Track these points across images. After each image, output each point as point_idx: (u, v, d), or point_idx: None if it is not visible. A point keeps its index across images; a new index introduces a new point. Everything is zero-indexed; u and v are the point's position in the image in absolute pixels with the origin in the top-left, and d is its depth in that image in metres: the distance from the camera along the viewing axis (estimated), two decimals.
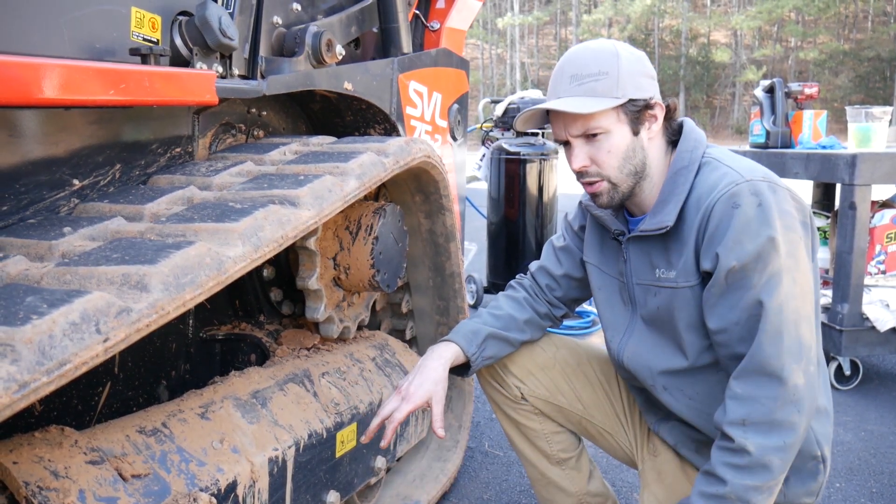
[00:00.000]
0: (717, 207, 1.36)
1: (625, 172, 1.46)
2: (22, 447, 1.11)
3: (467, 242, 4.14)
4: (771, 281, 1.31)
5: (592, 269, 1.69)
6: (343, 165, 1.53)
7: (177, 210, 1.34)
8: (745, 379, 1.34)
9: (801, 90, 3.77)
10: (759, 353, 1.31)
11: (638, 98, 1.42)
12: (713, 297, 1.38)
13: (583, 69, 1.43)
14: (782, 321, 1.31)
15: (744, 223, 1.32)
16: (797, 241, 1.35)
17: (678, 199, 1.42)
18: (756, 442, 1.30)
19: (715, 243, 1.35)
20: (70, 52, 1.31)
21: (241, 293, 1.98)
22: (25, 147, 1.30)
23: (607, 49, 1.44)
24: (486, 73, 48.67)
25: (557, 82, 1.47)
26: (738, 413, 1.33)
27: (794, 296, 1.33)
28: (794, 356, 1.31)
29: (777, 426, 1.31)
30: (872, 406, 3.11)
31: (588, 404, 1.78)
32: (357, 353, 1.91)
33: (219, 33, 1.52)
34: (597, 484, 1.87)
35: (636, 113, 1.43)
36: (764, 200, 1.33)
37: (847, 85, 37.59)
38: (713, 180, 1.40)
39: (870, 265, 3.22)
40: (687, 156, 1.46)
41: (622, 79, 1.41)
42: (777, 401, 1.30)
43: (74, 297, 0.91)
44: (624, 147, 1.44)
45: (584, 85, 1.42)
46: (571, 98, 1.42)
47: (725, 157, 1.45)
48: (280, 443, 1.46)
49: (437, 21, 2.60)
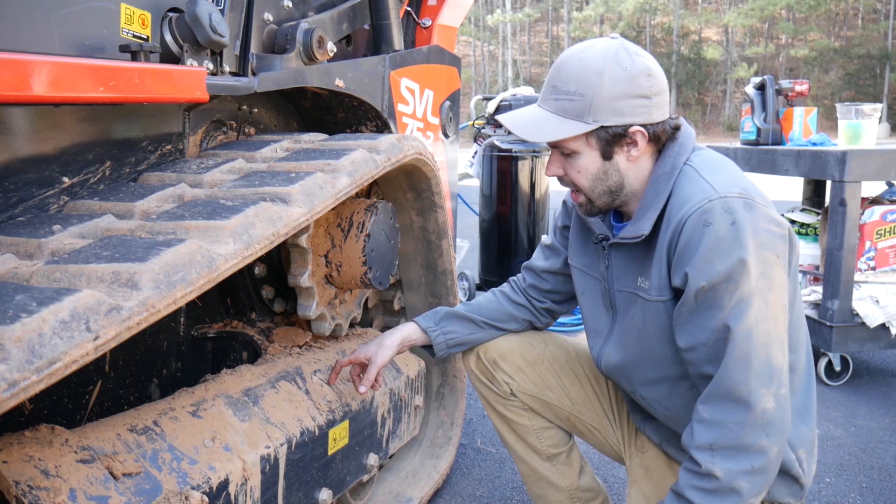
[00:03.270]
0: (688, 224, 1.31)
1: (597, 192, 1.43)
2: (12, 446, 1.10)
3: (459, 239, 4.14)
4: (740, 304, 1.27)
5: (576, 272, 1.67)
6: (334, 163, 1.53)
7: (167, 208, 1.34)
8: (712, 403, 1.31)
9: (792, 87, 3.79)
10: (726, 377, 1.29)
11: (612, 125, 1.36)
12: (683, 315, 1.34)
13: (564, 82, 1.38)
14: (751, 346, 1.27)
15: (714, 242, 1.28)
16: (772, 260, 1.30)
17: (656, 207, 1.38)
18: (724, 467, 1.28)
19: (685, 261, 1.32)
20: (59, 48, 1.30)
21: (233, 291, 1.97)
22: (14, 145, 1.29)
23: (594, 66, 1.36)
24: (477, 71, 48.65)
25: (547, 82, 1.44)
26: (705, 437, 1.31)
27: (765, 318, 1.29)
28: (762, 381, 1.28)
29: (745, 451, 1.28)
30: (862, 402, 3.13)
31: (576, 401, 1.78)
32: (349, 351, 1.90)
33: (209, 30, 1.51)
34: (588, 479, 1.87)
35: (608, 140, 1.38)
36: (738, 218, 1.28)
37: (837, 82, 37.78)
38: (687, 193, 1.35)
39: (860, 262, 3.23)
40: (669, 162, 1.41)
41: (597, 104, 1.35)
42: (745, 426, 1.28)
43: (64, 296, 0.91)
44: (593, 170, 1.41)
45: (558, 101, 1.39)
46: (543, 112, 1.41)
47: (706, 166, 1.40)
48: (272, 440, 1.45)
49: (428, 18, 2.60)
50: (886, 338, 3.18)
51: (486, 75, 48.18)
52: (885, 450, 2.66)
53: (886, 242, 3.26)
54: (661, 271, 1.38)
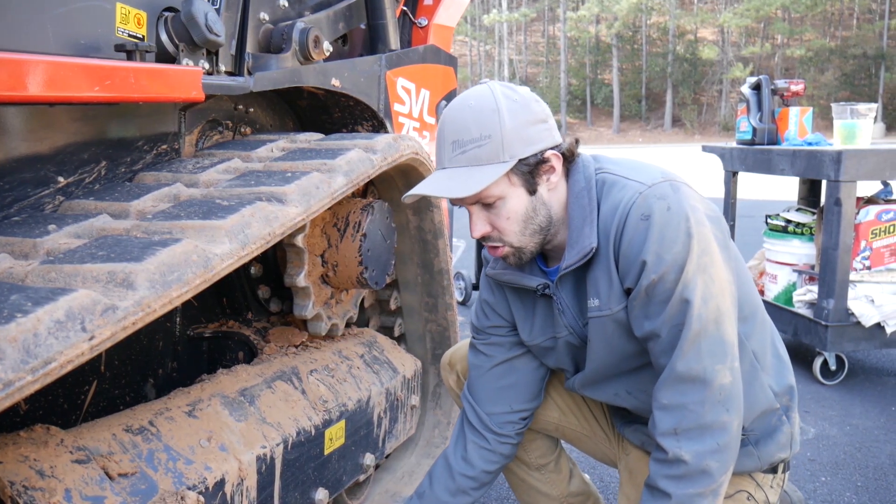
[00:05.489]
0: (628, 223, 1.30)
1: (527, 234, 1.38)
2: (7, 446, 1.10)
3: (455, 239, 4.14)
4: (687, 287, 1.28)
5: (540, 351, 1.58)
6: (331, 162, 1.53)
7: (163, 207, 1.34)
8: (669, 388, 1.31)
9: (788, 87, 3.80)
10: (679, 360, 1.29)
11: (528, 155, 1.32)
12: (635, 308, 1.34)
13: (463, 133, 1.31)
14: (702, 325, 1.28)
15: (658, 233, 1.28)
16: (707, 235, 1.31)
17: (592, 220, 1.35)
18: (690, 449, 1.29)
19: (632, 259, 1.31)
20: (55, 48, 1.30)
21: (229, 291, 1.97)
22: (9, 144, 1.29)
23: (487, 105, 1.31)
24: (473, 70, 48.67)
25: (440, 148, 1.36)
26: (668, 423, 1.31)
27: (712, 294, 1.29)
28: (717, 357, 1.29)
29: (708, 429, 1.29)
30: (857, 401, 3.14)
31: (564, 410, 1.75)
32: (345, 351, 1.90)
33: (205, 29, 1.51)
34: (578, 483, 1.86)
35: (529, 172, 1.34)
36: (671, 203, 1.29)
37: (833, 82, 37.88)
38: (615, 196, 1.34)
39: (855, 261, 3.24)
40: (581, 177, 1.39)
41: (507, 139, 1.30)
42: (704, 404, 1.29)
43: (59, 295, 0.90)
44: (523, 210, 1.35)
45: (466, 153, 1.31)
46: (454, 169, 1.32)
47: (619, 168, 1.40)
48: (268, 440, 1.45)
49: (424, 17, 2.60)
50: (881, 337, 3.19)
51: (482, 75, 48.17)
52: (880, 449, 2.67)
53: (881, 242, 3.26)
54: (610, 280, 1.35)
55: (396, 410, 1.98)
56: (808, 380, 3.33)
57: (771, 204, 6.35)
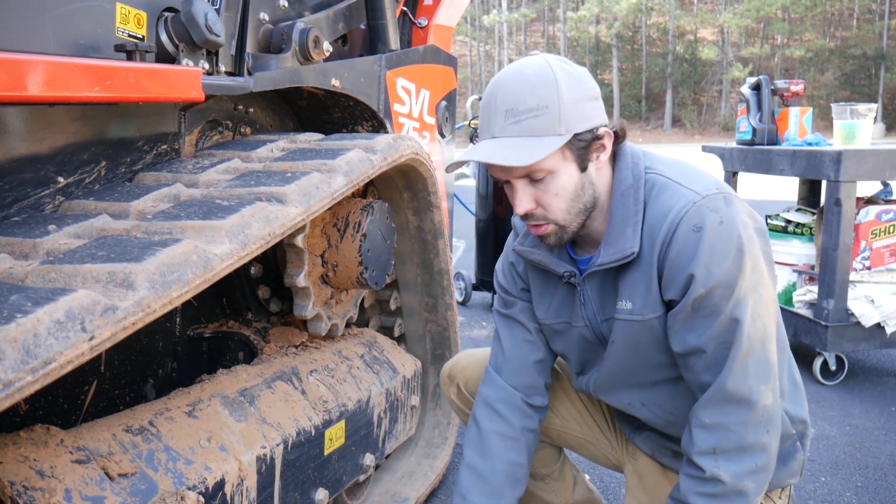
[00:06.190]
0: (678, 233, 1.26)
1: (573, 213, 1.33)
2: (7, 447, 1.10)
3: (455, 239, 4.14)
4: (739, 305, 1.25)
5: (549, 330, 1.55)
6: (331, 163, 1.53)
7: (163, 207, 1.34)
8: (713, 407, 1.28)
9: (788, 87, 3.80)
10: (727, 380, 1.26)
11: (583, 131, 1.28)
12: (678, 322, 1.30)
13: (519, 103, 1.26)
14: (751, 345, 1.25)
15: (709, 247, 1.24)
16: (757, 253, 1.28)
17: (636, 222, 1.31)
18: (729, 470, 1.27)
19: (680, 271, 1.26)
20: (55, 48, 1.30)
21: (229, 291, 1.97)
22: (9, 144, 1.29)
23: (545, 76, 1.26)
24: (473, 70, 48.66)
25: (490, 116, 1.30)
26: (707, 442, 1.28)
27: (761, 314, 1.27)
28: (762, 378, 1.27)
29: (748, 450, 1.27)
30: (857, 401, 3.14)
31: (566, 417, 1.73)
32: (345, 351, 1.90)
33: (205, 30, 1.51)
34: (582, 490, 1.84)
35: (583, 147, 1.29)
36: (724, 217, 1.25)
37: (833, 82, 37.88)
38: (666, 202, 1.29)
39: (855, 261, 3.24)
40: (628, 174, 1.34)
41: (564, 111, 1.25)
42: (747, 426, 1.26)
43: (59, 296, 0.90)
44: (572, 187, 1.30)
45: (521, 123, 1.25)
46: (508, 139, 1.26)
47: (673, 171, 1.34)
48: (268, 441, 1.45)
49: (424, 18, 2.60)
50: (881, 337, 3.19)
51: (482, 75, 48.18)
52: (880, 449, 2.67)
53: (881, 242, 3.26)
54: (649, 288, 1.31)
55: (396, 411, 1.98)
56: (808, 380, 3.33)
57: (771, 204, 6.35)
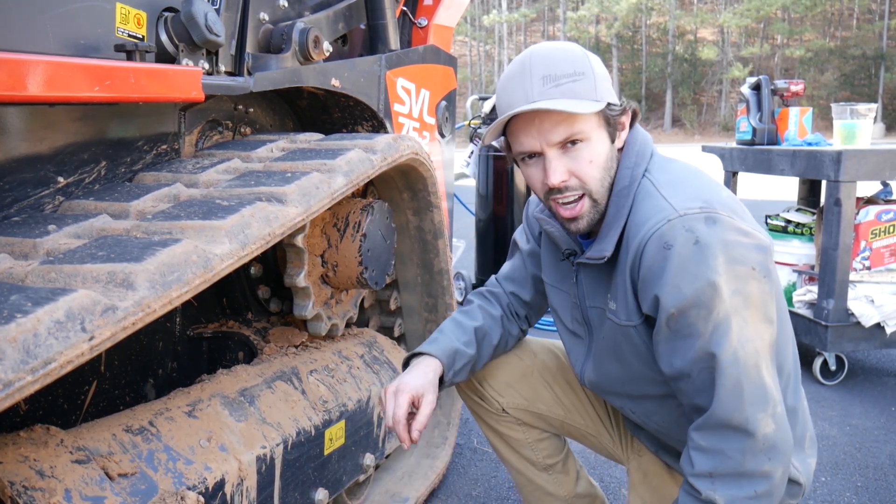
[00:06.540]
0: (648, 247, 1.23)
1: (605, 186, 1.32)
2: (7, 447, 1.10)
3: (455, 239, 4.14)
4: (719, 329, 1.19)
5: (550, 289, 1.59)
6: (331, 162, 1.53)
7: (163, 207, 1.34)
8: (708, 431, 1.24)
9: (788, 87, 3.80)
10: (719, 408, 1.21)
11: (614, 103, 1.31)
12: (660, 343, 1.27)
13: (556, 69, 1.27)
14: (740, 371, 1.20)
15: (678, 266, 1.19)
16: (745, 273, 1.21)
17: (617, 226, 1.30)
18: (725, 494, 1.22)
19: (650, 287, 1.24)
20: (54, 48, 1.30)
21: (229, 291, 1.97)
22: (9, 144, 1.29)
23: (576, 49, 1.31)
24: (473, 70, 48.68)
25: (525, 84, 1.29)
26: (704, 466, 1.24)
27: (749, 338, 1.21)
28: (758, 405, 1.21)
29: (748, 477, 1.23)
30: (857, 401, 3.14)
31: (570, 408, 1.74)
32: (345, 351, 1.90)
33: (205, 29, 1.51)
34: (584, 485, 1.85)
35: (611, 119, 1.31)
36: (701, 236, 1.19)
37: (833, 82, 37.90)
38: (645, 213, 1.27)
39: (855, 261, 3.24)
40: (628, 173, 1.33)
41: (598, 81, 1.29)
42: (745, 454, 1.22)
43: (59, 296, 0.90)
44: (605, 157, 1.31)
45: (561, 86, 1.26)
46: (548, 101, 1.25)
47: (664, 179, 1.31)
48: (268, 441, 1.45)
49: (424, 18, 2.60)
50: (881, 337, 3.19)
51: (482, 75, 48.20)
52: (880, 449, 2.67)
53: (881, 242, 3.26)
54: (626, 296, 1.31)
55: None
56: (808, 380, 3.33)
57: (771, 204, 6.35)
